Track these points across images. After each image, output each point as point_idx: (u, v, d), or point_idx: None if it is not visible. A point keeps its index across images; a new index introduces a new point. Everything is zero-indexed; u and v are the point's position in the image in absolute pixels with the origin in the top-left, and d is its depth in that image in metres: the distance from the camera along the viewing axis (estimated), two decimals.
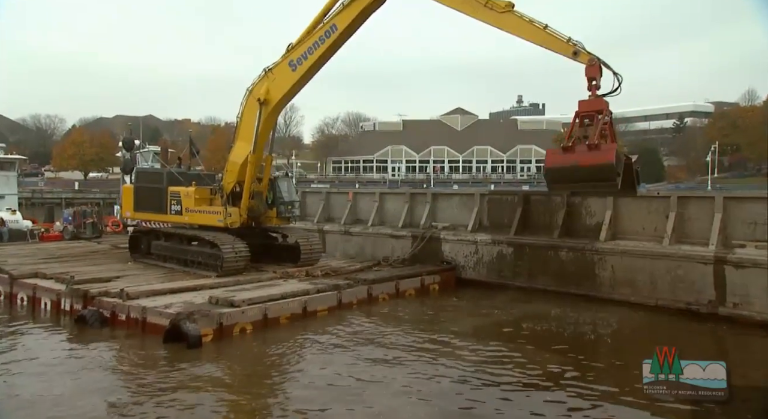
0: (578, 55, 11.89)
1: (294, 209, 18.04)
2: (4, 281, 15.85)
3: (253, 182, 16.94)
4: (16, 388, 8.95)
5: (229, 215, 16.50)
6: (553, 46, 12.27)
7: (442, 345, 11.61)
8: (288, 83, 15.92)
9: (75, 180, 71.63)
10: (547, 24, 12.37)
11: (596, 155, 11.23)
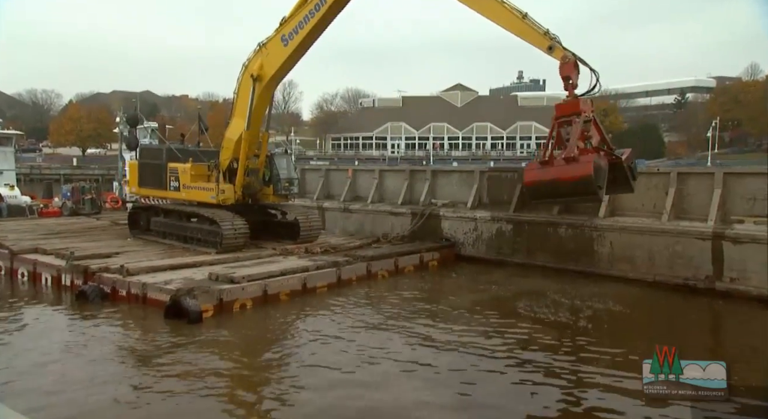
0: (553, 51, 11.13)
1: (292, 187, 17.92)
2: (4, 256, 15.91)
3: (249, 159, 16.85)
4: (21, 364, 9.05)
5: (222, 192, 16.48)
6: (529, 37, 11.56)
7: (440, 320, 11.73)
8: (280, 58, 15.62)
9: (73, 156, 71.36)
10: (526, 13, 11.63)
11: (574, 169, 10.40)
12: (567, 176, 10.49)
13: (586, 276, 15.53)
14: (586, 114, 10.85)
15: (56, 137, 79.07)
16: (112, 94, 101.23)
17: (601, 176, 10.63)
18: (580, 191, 10.71)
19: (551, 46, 11.23)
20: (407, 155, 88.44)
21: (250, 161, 16.91)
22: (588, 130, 10.95)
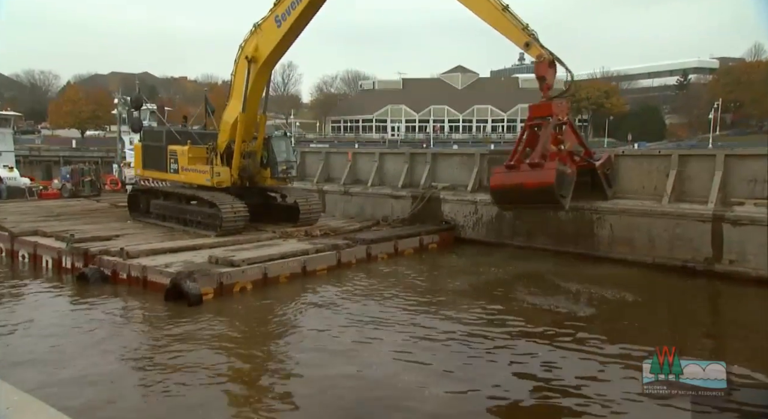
0: (529, 48, 10.64)
1: (291, 170, 17.79)
2: (4, 238, 15.96)
3: (247, 141, 16.74)
4: (25, 345, 9.13)
5: (217, 175, 16.44)
6: (507, 31, 11.03)
7: (438, 303, 11.79)
8: (275, 39, 15.37)
9: (72, 138, 70.92)
10: (507, 5, 11.09)
11: (538, 175, 10.01)
12: (530, 182, 10.02)
13: (585, 259, 15.58)
14: (558, 117, 10.28)
15: (55, 119, 78.42)
16: (111, 76, 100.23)
17: (565, 184, 10.03)
18: (542, 198, 10.22)
19: (528, 42, 10.66)
20: (407, 137, 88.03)
21: (246, 144, 16.80)
22: (561, 134, 10.35)
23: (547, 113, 10.27)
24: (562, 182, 9.90)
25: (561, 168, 9.97)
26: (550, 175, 9.79)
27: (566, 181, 10.02)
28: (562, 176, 9.93)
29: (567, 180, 10.03)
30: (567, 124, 10.51)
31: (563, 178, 9.95)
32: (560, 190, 9.94)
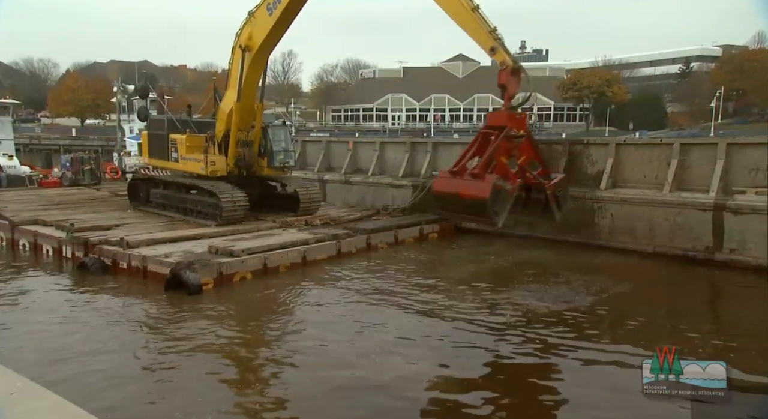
0: (495, 53, 10.15)
1: (288, 159, 17.66)
2: (5, 227, 15.98)
3: (243, 131, 16.64)
4: (25, 333, 9.18)
5: (212, 164, 16.40)
6: (474, 33, 10.55)
7: (436, 290, 11.80)
8: (267, 27, 15.13)
9: (72, 127, 70.75)
10: (478, 5, 10.56)
11: (475, 187, 9.41)
12: (467, 193, 9.51)
13: (586, 248, 15.58)
14: (514, 130, 9.67)
15: (54, 108, 78.12)
16: (110, 64, 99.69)
17: (500, 201, 9.37)
18: (475, 211, 9.67)
19: (494, 47, 10.14)
20: (408, 127, 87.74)
21: (244, 133, 16.69)
22: (514, 147, 9.74)
23: (502, 124, 9.70)
24: (497, 198, 9.29)
25: (498, 183, 9.33)
26: (486, 189, 9.23)
27: (502, 198, 9.38)
28: (498, 192, 9.32)
29: (503, 197, 9.39)
30: (524, 137, 9.90)
31: (499, 194, 9.34)
32: (494, 206, 9.31)
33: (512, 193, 9.53)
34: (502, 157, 9.71)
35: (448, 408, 6.89)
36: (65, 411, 2.90)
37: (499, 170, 9.62)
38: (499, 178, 9.46)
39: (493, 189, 9.24)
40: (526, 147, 10.01)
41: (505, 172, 9.79)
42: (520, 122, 9.85)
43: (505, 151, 9.72)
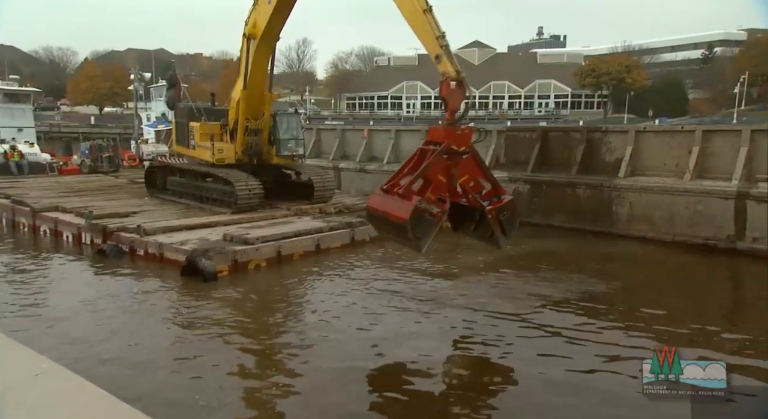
0: (439, 61, 9.43)
1: (298, 148, 17.54)
2: (26, 213, 16.27)
3: (254, 119, 16.61)
4: (48, 317, 9.36)
5: (219, 151, 16.49)
6: (423, 37, 9.90)
7: (450, 279, 11.78)
8: (266, 14, 14.91)
9: (91, 115, 71.63)
10: (431, 7, 9.87)
11: (398, 208, 8.66)
12: (391, 213, 8.75)
13: (603, 237, 15.42)
14: (453, 146, 8.78)
15: (73, 96, 79.08)
16: (127, 52, 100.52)
17: (423, 225, 8.51)
18: (398, 233, 8.83)
19: (438, 55, 9.40)
20: (423, 114, 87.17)
21: (253, 121, 16.63)
22: (453, 165, 8.86)
23: (440, 139, 8.83)
24: (419, 221, 8.41)
25: (422, 206, 8.42)
26: (405, 213, 8.44)
27: (425, 222, 8.47)
28: (420, 216, 8.43)
29: (427, 221, 8.48)
30: (470, 156, 8.99)
31: (422, 218, 8.44)
32: (415, 230, 8.45)
33: (439, 217, 8.52)
34: (439, 176, 8.76)
35: (459, 395, 6.88)
36: (88, 393, 2.96)
37: (435, 190, 8.72)
38: (423, 200, 8.49)
39: (414, 212, 8.33)
40: (469, 165, 8.99)
41: (443, 192, 8.91)
42: (461, 137, 8.85)
43: (442, 169, 8.76)
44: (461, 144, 8.83)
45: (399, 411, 6.54)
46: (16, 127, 29.94)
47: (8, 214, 17.20)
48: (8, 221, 17.16)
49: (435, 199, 8.65)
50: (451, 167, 8.80)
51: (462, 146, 8.85)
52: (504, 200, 9.17)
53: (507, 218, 9.12)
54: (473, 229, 9.40)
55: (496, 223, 9.04)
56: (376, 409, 6.56)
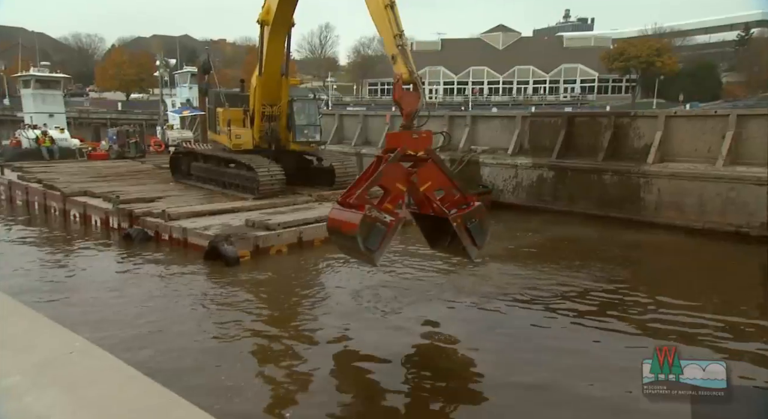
0: (394, 62, 8.91)
1: (314, 134, 17.45)
2: (57, 198, 16.70)
3: (270, 105, 16.61)
4: (80, 297, 9.64)
5: (237, 137, 16.63)
6: (382, 34, 9.40)
7: (469, 266, 11.63)
8: (275, 1, 14.80)
9: (118, 101, 72.84)
10: (393, 2, 9.31)
11: (350, 218, 8.12)
12: (344, 224, 8.22)
13: (629, 224, 15.11)
14: (409, 152, 8.27)
15: (101, 82, 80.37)
16: (152, 39, 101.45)
17: (374, 236, 7.96)
18: (350, 246, 8.24)
19: (394, 55, 8.86)
20: (445, 100, 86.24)
21: (267, 107, 16.68)
22: (412, 172, 8.33)
23: (396, 145, 8.29)
24: (369, 233, 7.88)
25: (372, 215, 7.91)
26: (353, 223, 7.95)
27: (376, 232, 7.94)
28: (370, 227, 7.89)
29: (378, 232, 7.95)
30: (430, 162, 8.40)
31: (372, 229, 7.90)
32: (367, 242, 7.92)
33: (392, 226, 7.97)
34: (397, 184, 8.23)
35: (476, 381, 6.86)
36: (120, 371, 3.05)
37: (393, 199, 8.25)
38: (374, 208, 7.99)
39: (362, 222, 7.78)
40: (430, 172, 8.40)
41: (402, 201, 8.50)
42: (418, 141, 8.28)
43: (400, 177, 8.24)
44: (418, 149, 8.27)
45: (421, 396, 6.54)
46: (47, 112, 30.57)
47: (40, 198, 17.67)
48: (40, 204, 17.63)
49: (393, 209, 8.14)
50: (410, 175, 8.25)
51: (419, 151, 8.28)
52: (470, 207, 8.51)
53: (475, 227, 8.46)
54: (448, 243, 8.78)
55: (464, 232, 8.38)
56: (397, 391, 6.58)
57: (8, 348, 3.24)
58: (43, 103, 30.81)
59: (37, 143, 26.94)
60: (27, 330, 3.59)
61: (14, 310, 3.94)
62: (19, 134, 28.39)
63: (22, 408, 2.61)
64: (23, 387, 2.82)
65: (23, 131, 28.26)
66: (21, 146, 27.08)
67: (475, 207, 8.47)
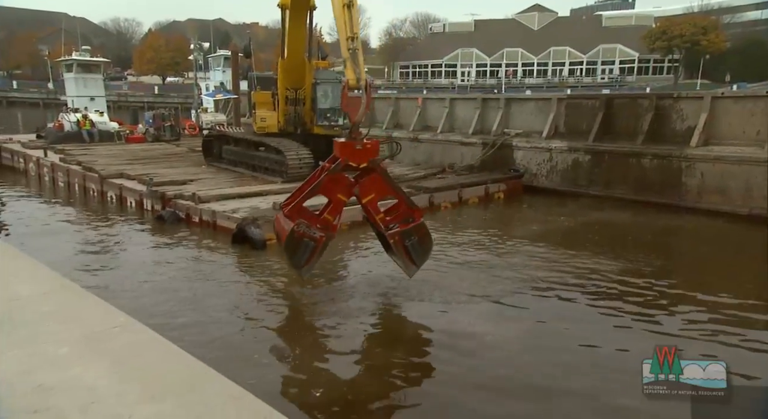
0: (345, 65, 8.45)
1: (336, 118, 17.01)
2: (95, 180, 17.15)
3: (294, 88, 16.53)
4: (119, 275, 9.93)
5: (262, 120, 16.72)
6: (340, 32, 8.84)
7: (501, 248, 11.48)
8: None
9: (155, 84, 74.24)
10: (352, 2, 8.79)
11: (283, 229, 7.88)
12: (280, 233, 7.99)
13: (669, 209, 14.56)
14: (351, 163, 7.91)
15: (138, 66, 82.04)
16: (187, 22, 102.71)
17: (301, 251, 7.71)
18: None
19: (345, 59, 8.42)
20: (477, 83, 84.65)
21: (290, 91, 16.62)
22: (352, 184, 8.04)
23: (338, 155, 8.01)
24: (296, 247, 7.69)
25: (299, 232, 7.63)
26: (283, 236, 7.79)
27: (304, 248, 7.69)
28: (297, 241, 7.66)
29: (306, 247, 7.69)
30: (375, 172, 8.01)
31: (299, 243, 7.67)
32: (294, 257, 7.76)
33: (321, 241, 7.73)
34: (339, 195, 8.02)
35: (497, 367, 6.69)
36: (161, 346, 3.20)
37: (333, 209, 8.09)
38: (302, 223, 7.76)
39: (290, 236, 7.60)
40: (374, 184, 8.01)
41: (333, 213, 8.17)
42: (362, 153, 7.87)
43: (341, 188, 7.98)
44: (360, 161, 7.89)
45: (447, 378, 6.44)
46: (88, 96, 31.32)
47: (79, 179, 18.18)
48: (80, 186, 18.14)
49: (332, 220, 8.01)
50: (353, 186, 8.02)
51: (361, 163, 7.91)
52: (410, 225, 8.05)
53: (414, 245, 8.04)
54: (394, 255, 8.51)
55: (401, 250, 8.04)
56: (425, 375, 6.54)
57: (58, 321, 3.43)
58: (85, 87, 31.55)
59: (78, 126, 27.65)
60: (75, 305, 3.78)
61: (63, 286, 4.15)
62: (61, 117, 29.18)
63: (72, 378, 2.75)
64: (72, 358, 2.96)
65: (65, 115, 29.04)
66: (63, 129, 27.84)
67: (415, 225, 8.09)
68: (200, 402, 2.58)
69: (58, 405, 2.51)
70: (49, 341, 3.13)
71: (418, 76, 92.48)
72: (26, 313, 3.51)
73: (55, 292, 3.97)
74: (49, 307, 3.64)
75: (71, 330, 3.31)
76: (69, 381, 2.72)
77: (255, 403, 2.60)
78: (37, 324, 3.37)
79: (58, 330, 3.31)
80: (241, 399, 2.63)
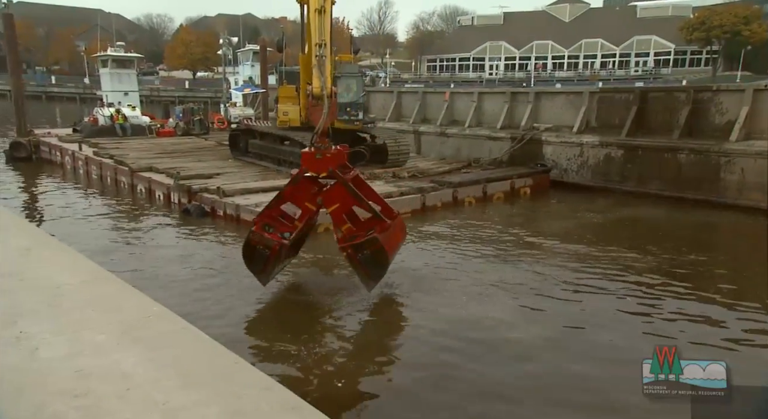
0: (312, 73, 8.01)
1: (356, 112, 16.78)
2: (126, 173, 17.48)
3: None
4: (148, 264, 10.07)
5: (284, 114, 16.71)
6: (309, 37, 8.80)
7: (527, 244, 11.26)
8: None
9: (185, 79, 75.54)
10: (324, 9, 8.97)
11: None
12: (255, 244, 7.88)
13: (706, 206, 14.04)
14: (311, 173, 7.83)
15: (170, 61, 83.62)
16: (217, 18, 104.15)
17: (257, 258, 7.68)
18: None
19: (313, 66, 8.23)
20: (506, 76, 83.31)
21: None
22: (316, 193, 7.96)
23: (303, 165, 7.88)
24: (252, 255, 7.70)
25: (255, 239, 7.63)
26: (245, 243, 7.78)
27: (259, 255, 7.66)
28: (254, 249, 7.66)
29: (261, 255, 7.66)
30: (339, 184, 7.86)
31: (255, 251, 7.67)
32: (251, 264, 7.79)
33: (275, 250, 7.64)
34: (307, 203, 8.00)
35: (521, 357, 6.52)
36: (192, 334, 3.35)
37: (302, 217, 8.11)
38: (257, 232, 7.74)
39: (245, 243, 7.68)
40: (337, 194, 7.88)
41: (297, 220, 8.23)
42: (321, 163, 7.74)
43: (305, 197, 7.96)
44: (319, 171, 7.79)
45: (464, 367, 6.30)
46: (123, 91, 32.02)
47: (111, 172, 18.56)
48: (111, 179, 18.52)
49: (302, 227, 8.11)
50: (314, 195, 7.98)
51: (320, 173, 7.81)
52: (365, 237, 7.77)
53: (367, 258, 7.72)
54: None
55: (355, 263, 7.80)
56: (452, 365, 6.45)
57: (97, 309, 3.59)
58: (119, 82, 32.24)
59: (111, 120, 28.27)
60: (111, 295, 3.95)
61: (101, 276, 4.35)
62: (96, 111, 29.89)
63: (109, 365, 2.87)
64: (109, 346, 3.09)
65: (99, 109, 29.73)
66: (98, 123, 28.51)
67: (367, 238, 7.77)
68: (232, 392, 2.65)
69: (96, 390, 2.62)
70: (88, 328, 3.29)
71: (446, 69, 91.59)
72: (67, 301, 3.70)
73: (93, 282, 4.17)
74: (87, 296, 3.84)
75: (108, 318, 3.48)
76: (107, 367, 2.84)
77: (284, 393, 2.67)
78: (77, 311, 3.54)
79: (96, 317, 3.47)
80: (272, 389, 2.70)
